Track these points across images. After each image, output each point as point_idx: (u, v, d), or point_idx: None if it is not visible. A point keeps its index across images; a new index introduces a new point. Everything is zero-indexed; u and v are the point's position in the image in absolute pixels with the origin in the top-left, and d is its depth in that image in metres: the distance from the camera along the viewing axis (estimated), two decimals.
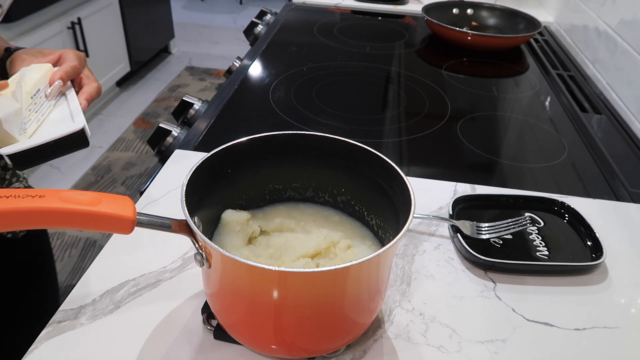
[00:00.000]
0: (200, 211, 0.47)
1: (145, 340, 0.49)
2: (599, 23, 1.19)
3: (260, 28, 1.37)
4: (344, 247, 0.51)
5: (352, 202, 0.56)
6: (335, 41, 1.31)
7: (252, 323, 0.44)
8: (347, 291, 0.42)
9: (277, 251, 0.51)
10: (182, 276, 0.56)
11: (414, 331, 0.52)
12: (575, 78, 1.16)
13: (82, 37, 2.44)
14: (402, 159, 0.83)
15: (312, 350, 0.46)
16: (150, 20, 3.20)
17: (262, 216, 0.56)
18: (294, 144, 0.53)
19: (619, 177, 0.80)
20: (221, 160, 0.50)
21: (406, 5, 1.59)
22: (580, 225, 0.65)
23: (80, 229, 0.45)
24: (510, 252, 0.61)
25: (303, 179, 0.56)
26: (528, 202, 0.70)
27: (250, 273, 0.40)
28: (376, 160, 0.50)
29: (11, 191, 0.38)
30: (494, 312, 0.54)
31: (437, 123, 0.94)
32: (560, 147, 0.88)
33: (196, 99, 0.94)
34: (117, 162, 2.42)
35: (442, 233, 0.65)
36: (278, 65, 1.14)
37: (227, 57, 3.54)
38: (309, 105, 0.97)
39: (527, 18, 1.34)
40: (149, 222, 0.41)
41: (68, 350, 0.48)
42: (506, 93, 1.10)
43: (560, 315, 0.54)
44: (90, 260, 1.61)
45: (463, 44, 1.27)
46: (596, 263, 0.59)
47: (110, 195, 0.41)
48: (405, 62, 1.21)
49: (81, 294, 0.54)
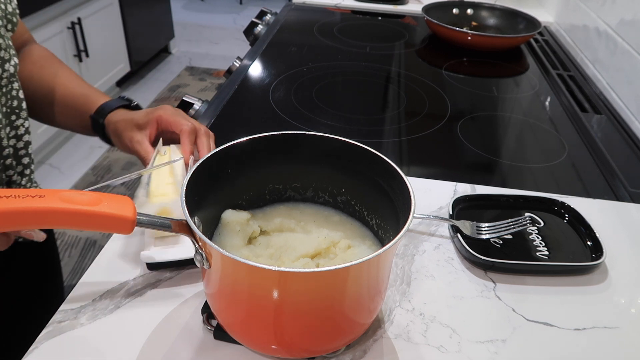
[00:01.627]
0: (200, 211, 0.47)
1: (145, 340, 0.49)
2: (599, 23, 1.19)
3: (260, 28, 1.37)
4: (344, 247, 0.51)
5: (352, 202, 0.56)
6: (335, 41, 1.31)
7: (252, 323, 0.44)
8: (347, 291, 0.42)
9: (277, 251, 0.51)
10: (182, 276, 0.56)
11: (414, 331, 0.52)
12: (575, 78, 1.16)
13: (82, 37, 2.44)
14: (402, 159, 0.83)
15: (312, 350, 0.46)
16: (150, 20, 3.20)
17: (262, 216, 0.56)
18: (294, 144, 0.53)
19: (619, 177, 0.80)
20: (221, 160, 0.50)
21: (406, 5, 1.59)
22: (580, 225, 0.65)
23: (80, 229, 0.45)
24: (510, 252, 0.61)
25: (303, 179, 0.56)
26: (528, 202, 0.70)
27: (250, 273, 0.40)
28: (376, 160, 0.50)
29: (11, 191, 0.38)
30: (494, 312, 0.54)
31: (437, 123, 0.94)
32: (560, 147, 0.88)
33: (196, 99, 0.94)
34: (117, 162, 2.42)
35: (442, 233, 0.65)
36: (278, 65, 1.14)
37: (227, 57, 3.54)
38: (309, 105, 0.97)
39: (527, 18, 1.34)
40: (149, 222, 0.41)
41: (68, 350, 0.48)
42: (506, 93, 1.10)
43: (560, 315, 0.54)
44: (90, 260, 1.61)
45: (463, 44, 1.27)
46: (596, 263, 0.59)
47: (110, 195, 0.41)
48: (405, 62, 1.21)
49: (81, 294, 0.54)
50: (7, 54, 0.60)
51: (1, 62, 0.59)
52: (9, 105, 0.63)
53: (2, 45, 0.59)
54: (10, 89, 0.62)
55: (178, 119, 0.63)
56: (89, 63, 2.54)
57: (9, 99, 0.62)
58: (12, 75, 0.62)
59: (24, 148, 0.67)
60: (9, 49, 0.61)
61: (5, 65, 0.60)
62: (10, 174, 0.64)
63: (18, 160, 0.66)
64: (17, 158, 0.66)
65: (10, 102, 0.63)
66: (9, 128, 0.64)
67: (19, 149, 0.66)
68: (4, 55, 0.59)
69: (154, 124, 0.64)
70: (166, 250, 0.55)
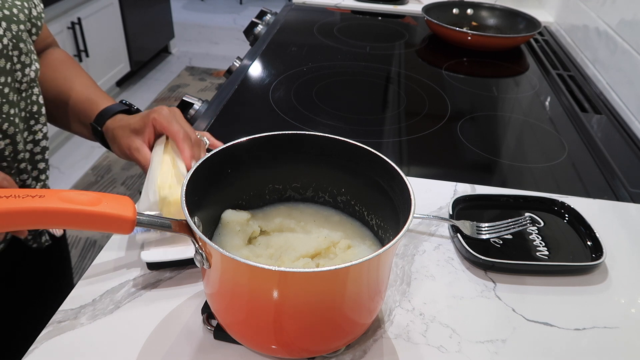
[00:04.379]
0: (200, 211, 0.47)
1: (145, 340, 0.49)
2: (599, 23, 1.19)
3: (260, 28, 1.37)
4: (344, 247, 0.51)
5: (352, 202, 0.56)
6: (335, 41, 1.31)
7: (252, 323, 0.44)
8: (347, 291, 0.42)
9: (277, 251, 0.51)
10: (182, 276, 0.56)
11: (414, 331, 0.52)
12: (575, 78, 1.16)
13: (82, 37, 2.44)
14: (402, 159, 0.83)
15: (312, 350, 0.46)
16: (150, 20, 3.20)
17: (262, 216, 0.56)
18: (294, 144, 0.53)
19: (619, 177, 0.80)
20: (221, 160, 0.50)
21: (406, 5, 1.59)
22: (580, 225, 0.65)
23: (80, 229, 0.45)
24: (510, 252, 0.61)
25: (303, 179, 0.56)
26: (528, 202, 0.70)
27: (250, 273, 0.40)
28: (376, 160, 0.50)
29: (11, 191, 0.38)
30: (494, 312, 0.54)
31: (437, 123, 0.94)
32: (560, 147, 0.88)
33: (196, 99, 0.94)
34: (117, 162, 2.42)
35: (442, 233, 0.65)
36: (278, 65, 1.14)
37: (227, 57, 3.54)
38: (309, 105, 0.97)
39: (527, 18, 1.34)
40: (149, 222, 0.41)
41: (68, 350, 0.48)
42: (506, 93, 1.10)
43: (560, 315, 0.54)
44: (90, 260, 1.61)
45: (463, 44, 1.27)
46: (596, 263, 0.59)
47: (110, 195, 0.41)
48: (405, 62, 1.21)
49: (81, 294, 0.54)
50: (29, 59, 0.60)
51: (21, 66, 0.59)
52: (29, 110, 0.63)
53: (23, 50, 0.58)
54: (31, 94, 0.62)
55: (172, 124, 0.62)
56: (89, 63, 2.54)
57: (29, 103, 0.62)
58: (33, 80, 0.61)
59: (40, 153, 0.66)
60: (31, 53, 0.60)
61: (25, 69, 0.59)
62: (24, 178, 0.64)
63: (34, 165, 0.66)
64: (33, 163, 0.66)
65: (30, 107, 0.63)
66: (27, 132, 0.63)
67: (36, 153, 0.66)
68: (24, 59, 0.59)
69: (151, 128, 0.63)
70: (166, 250, 0.55)
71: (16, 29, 0.57)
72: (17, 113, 0.59)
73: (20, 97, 0.60)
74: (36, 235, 0.69)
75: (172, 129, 0.61)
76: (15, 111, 0.59)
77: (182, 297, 0.54)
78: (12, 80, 0.58)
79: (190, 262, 0.55)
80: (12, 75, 0.58)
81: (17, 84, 0.59)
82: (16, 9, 0.58)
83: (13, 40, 0.57)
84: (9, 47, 0.56)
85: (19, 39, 0.57)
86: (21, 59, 0.58)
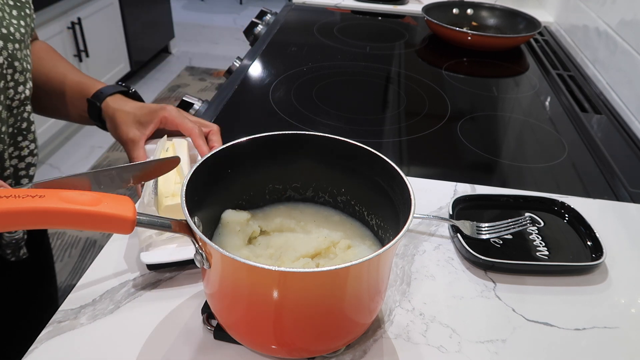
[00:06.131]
0: (200, 211, 0.47)
1: (145, 340, 0.49)
2: (599, 23, 1.19)
3: (260, 28, 1.37)
4: (344, 247, 0.51)
5: (352, 202, 0.56)
6: (335, 41, 1.31)
7: (252, 323, 0.44)
8: (347, 291, 0.42)
9: (277, 251, 0.51)
10: (182, 276, 0.56)
11: (414, 331, 0.52)
12: (575, 78, 1.16)
13: (82, 37, 2.44)
14: (402, 159, 0.83)
15: (312, 350, 0.46)
16: (150, 20, 3.20)
17: (262, 216, 0.56)
18: (294, 144, 0.53)
19: (619, 177, 0.80)
20: (221, 160, 0.50)
21: (406, 5, 1.59)
22: (580, 225, 0.65)
23: (80, 229, 0.45)
24: (510, 252, 0.61)
25: (303, 179, 0.56)
26: (528, 202, 0.70)
27: (250, 273, 0.40)
28: (376, 160, 0.50)
29: (11, 191, 0.38)
30: (494, 312, 0.54)
31: (437, 123, 0.94)
32: (560, 147, 0.88)
33: (196, 99, 0.94)
34: (117, 162, 2.42)
35: (442, 233, 0.65)
36: (278, 65, 1.14)
37: (227, 57, 3.54)
38: (309, 105, 0.97)
39: (527, 18, 1.34)
40: (149, 222, 0.41)
41: (68, 350, 0.48)
42: (506, 93, 1.10)
43: (560, 315, 0.54)
44: (90, 260, 1.61)
45: (463, 44, 1.27)
46: (596, 263, 0.59)
47: (110, 195, 0.41)
48: (405, 62, 1.21)
49: (81, 294, 0.54)
50: (23, 77, 0.60)
51: (14, 84, 0.59)
52: (17, 126, 0.63)
53: (17, 69, 0.59)
54: (22, 111, 0.62)
55: (185, 121, 0.63)
56: (89, 63, 2.54)
57: (19, 120, 0.63)
58: (27, 98, 0.62)
59: (24, 169, 0.67)
60: (26, 72, 0.61)
61: (19, 87, 0.60)
62: None
63: (17, 181, 0.66)
64: (17, 178, 0.66)
65: (20, 123, 0.63)
66: (12, 148, 0.64)
67: (20, 169, 0.66)
68: (18, 77, 0.59)
69: (156, 124, 0.64)
70: (166, 250, 0.55)
71: (12, 48, 0.58)
72: (5, 130, 0.60)
73: (11, 114, 0.61)
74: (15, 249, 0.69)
75: (186, 126, 0.62)
76: (4, 128, 0.59)
77: (182, 297, 0.54)
78: (4, 98, 0.58)
79: (190, 263, 0.55)
80: (5, 93, 0.58)
81: (8, 102, 0.60)
82: (13, 27, 0.58)
83: (8, 59, 0.57)
84: (4, 65, 0.57)
85: (14, 58, 0.58)
86: (15, 77, 0.59)
